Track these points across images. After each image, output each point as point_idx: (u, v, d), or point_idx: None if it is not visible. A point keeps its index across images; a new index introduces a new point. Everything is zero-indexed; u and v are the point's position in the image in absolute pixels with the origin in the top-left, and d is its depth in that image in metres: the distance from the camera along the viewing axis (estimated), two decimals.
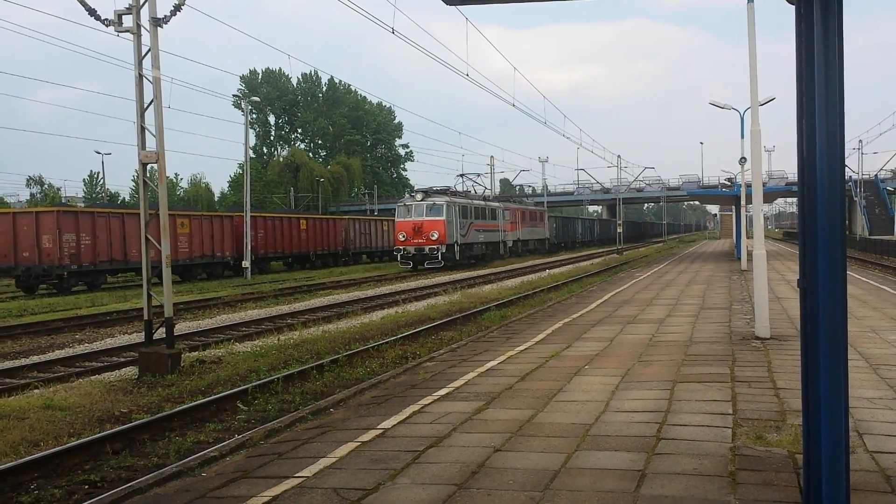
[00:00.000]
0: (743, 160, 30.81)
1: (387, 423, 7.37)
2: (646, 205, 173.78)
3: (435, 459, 6.09)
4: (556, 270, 39.03)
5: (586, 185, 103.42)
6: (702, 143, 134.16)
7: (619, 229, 67.47)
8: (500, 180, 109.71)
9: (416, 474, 5.74)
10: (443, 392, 8.73)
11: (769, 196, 43.61)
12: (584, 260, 52.04)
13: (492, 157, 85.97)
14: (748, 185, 26.02)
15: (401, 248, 42.36)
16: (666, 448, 6.18)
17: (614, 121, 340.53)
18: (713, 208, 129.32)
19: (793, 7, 4.27)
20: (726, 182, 65.43)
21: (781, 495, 5.10)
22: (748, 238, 35.89)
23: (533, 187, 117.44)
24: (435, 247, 41.36)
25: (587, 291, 23.49)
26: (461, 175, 56.32)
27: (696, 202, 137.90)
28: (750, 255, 17.62)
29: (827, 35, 3.95)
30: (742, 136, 32.31)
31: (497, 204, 53.99)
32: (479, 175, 58.44)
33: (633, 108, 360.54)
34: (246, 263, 39.06)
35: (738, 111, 33.67)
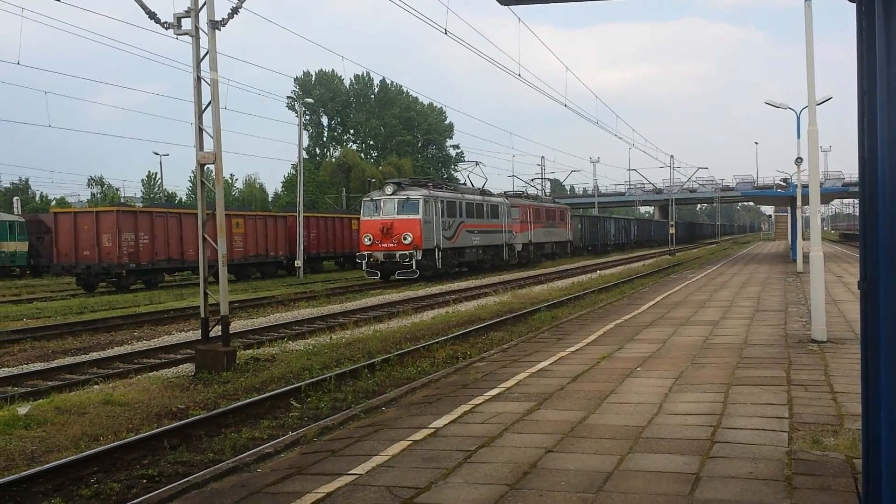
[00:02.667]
0: (799, 160, 30.27)
1: (438, 423, 7.41)
2: (699, 205, 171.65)
3: (486, 459, 6.11)
4: (607, 272, 38.70)
5: (638, 186, 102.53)
6: (756, 143, 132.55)
7: (672, 230, 66.73)
8: (551, 181, 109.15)
9: (468, 474, 5.76)
10: (494, 392, 8.74)
11: (826, 197, 42.69)
12: (623, 263, 51.30)
13: (542, 157, 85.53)
14: (804, 186, 25.57)
15: (365, 254, 33.55)
16: (721, 451, 6.11)
17: (667, 120, 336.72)
18: (768, 209, 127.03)
19: (852, 5, 4.20)
20: (781, 182, 64.29)
21: (839, 500, 5.02)
22: (804, 239, 35.21)
23: (584, 188, 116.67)
24: (407, 252, 32.57)
25: (639, 293, 23.28)
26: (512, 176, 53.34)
27: (751, 203, 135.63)
28: (806, 256, 17.30)
29: (889, 32, 3.88)
30: (798, 136, 31.75)
31: (499, 199, 44.11)
32: (533, 178, 54.80)
33: (687, 108, 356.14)
34: (298, 263, 39.48)
35: (794, 111, 33.11)
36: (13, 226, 44.61)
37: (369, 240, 33.44)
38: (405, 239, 32.74)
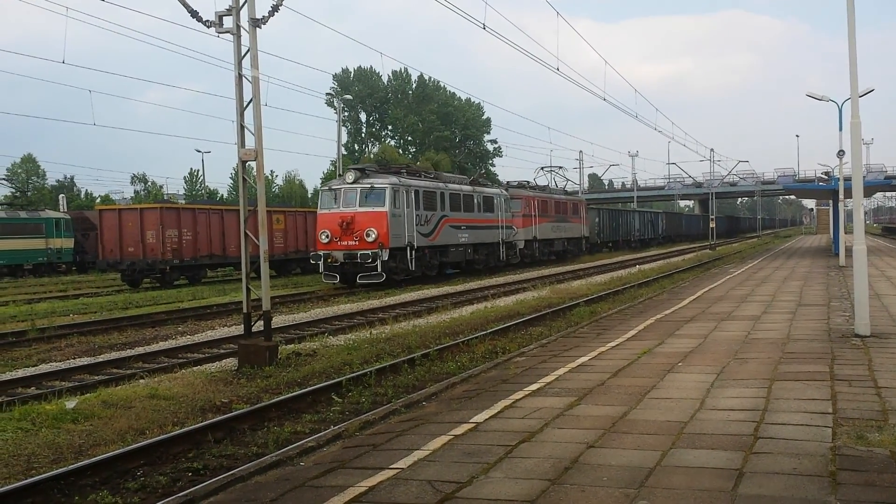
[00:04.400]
0: (841, 153, 29.82)
1: (479, 417, 7.44)
2: (739, 199, 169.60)
3: (527, 454, 6.13)
4: (647, 266, 38.40)
5: (678, 180, 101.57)
6: (798, 136, 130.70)
7: (712, 224, 66.01)
8: (589, 175, 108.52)
9: (509, 468, 5.78)
10: (534, 387, 8.74)
11: (868, 190, 41.98)
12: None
13: (580, 151, 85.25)
14: (846, 179, 25.18)
15: (321, 253, 27.98)
16: (764, 447, 6.06)
17: (708, 114, 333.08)
18: (809, 203, 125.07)
19: None
20: (823, 176, 63.18)
21: (884, 496, 4.96)
22: (846, 233, 34.67)
23: (623, 182, 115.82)
24: (370, 252, 26.89)
25: (679, 287, 23.09)
26: (542, 168, 47.20)
27: (792, 196, 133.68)
28: (848, 250, 17.03)
29: None
30: (840, 129, 31.27)
31: (494, 190, 38.14)
32: (543, 167, 50.49)
33: (728, 101, 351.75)
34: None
35: (835, 103, 32.59)
36: (59, 223, 45.50)
37: (326, 237, 27.93)
38: (368, 236, 27.17)
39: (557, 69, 24.96)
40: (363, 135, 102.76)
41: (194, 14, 12.76)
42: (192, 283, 33.79)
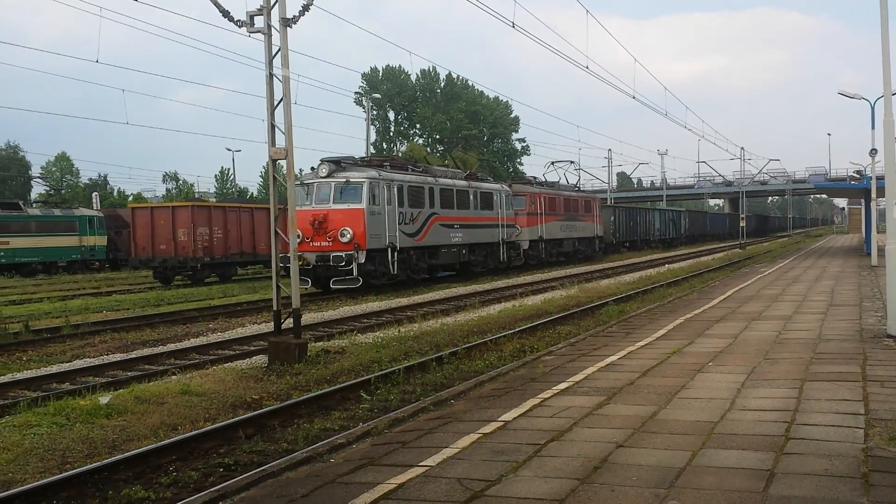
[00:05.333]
0: (874, 152, 29.47)
1: (507, 416, 7.45)
2: (770, 198, 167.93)
3: (556, 453, 6.13)
4: (676, 265, 38.13)
5: (707, 178, 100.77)
6: (829, 135, 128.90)
7: (742, 223, 65.44)
8: (618, 174, 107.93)
9: (538, 467, 5.79)
10: (562, 386, 8.74)
11: None
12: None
13: (609, 150, 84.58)
14: (879, 178, 24.83)
15: (288, 255, 24.52)
16: (795, 448, 6.02)
17: (738, 112, 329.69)
18: (841, 202, 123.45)
19: None
20: (855, 174, 62.32)
21: None
22: (878, 233, 34.22)
23: (652, 181, 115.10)
24: (343, 254, 24.17)
25: (709, 287, 22.93)
26: (553, 162, 42.59)
27: (823, 195, 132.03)
28: (881, 250, 16.82)
29: None
30: (872, 127, 30.97)
31: (494, 186, 34.92)
32: (554, 161, 46.46)
33: (759, 99, 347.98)
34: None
35: (868, 101, 32.23)
36: (93, 220, 46.12)
37: (297, 237, 25.28)
38: (343, 236, 24.34)
39: (587, 67, 24.88)
40: (391, 133, 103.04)
41: (226, 14, 12.89)
42: (222, 281, 34.09)
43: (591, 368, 9.77)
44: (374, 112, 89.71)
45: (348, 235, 24.22)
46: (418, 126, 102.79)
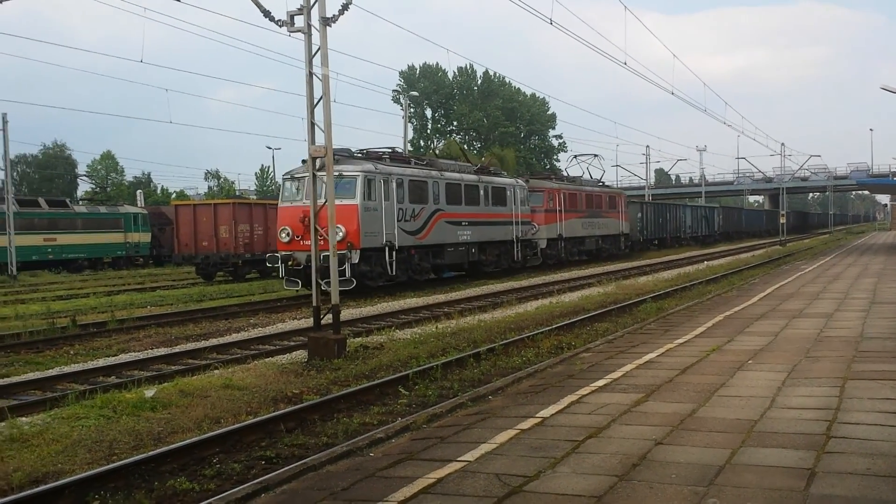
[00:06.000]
0: None
1: (545, 412, 7.48)
2: (810, 195, 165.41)
3: (594, 450, 6.15)
4: (715, 262, 37.74)
5: (747, 175, 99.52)
6: (871, 130, 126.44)
7: (783, 220, 64.54)
8: (656, 170, 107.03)
9: (577, 464, 5.82)
10: (601, 383, 8.74)
11: None
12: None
13: (647, 146, 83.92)
14: None
15: (279, 255, 23.17)
16: (836, 447, 5.98)
17: (778, 107, 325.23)
18: (883, 198, 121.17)
19: None
20: None
21: None
22: None
23: (690, 177, 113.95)
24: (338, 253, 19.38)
25: (748, 284, 22.71)
26: (575, 156, 40.21)
27: (865, 192, 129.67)
28: None
29: None
30: None
31: (507, 180, 32.76)
32: (577, 155, 44.70)
33: (800, 94, 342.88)
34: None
35: None
36: (137, 218, 46.89)
37: (287, 235, 23.17)
38: (335, 234, 22.96)
39: (625, 63, 24.73)
40: (429, 130, 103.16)
41: (267, 14, 13.04)
42: (263, 277, 34.41)
43: (629, 365, 9.75)
44: (412, 110, 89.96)
45: (341, 234, 21.80)
46: (455, 123, 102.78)
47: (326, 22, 13.02)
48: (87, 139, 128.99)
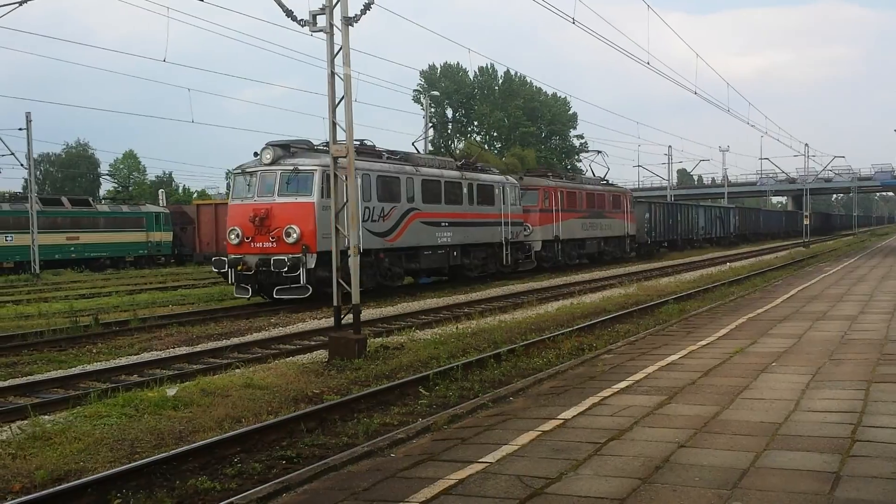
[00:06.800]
0: None
1: (567, 414, 7.44)
2: (834, 196, 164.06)
3: (617, 452, 6.11)
4: (738, 264, 37.47)
5: (770, 175, 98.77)
6: None
7: (806, 221, 63.95)
8: (678, 170, 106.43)
9: (599, 466, 5.78)
10: (622, 385, 8.69)
11: None
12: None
13: (669, 146, 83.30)
14: None
15: (225, 259, 21.19)
16: (862, 450, 5.91)
17: (802, 107, 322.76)
18: None
19: None
20: None
21: None
22: None
23: (713, 177, 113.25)
24: (287, 257, 19.94)
25: (772, 286, 22.52)
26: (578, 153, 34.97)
27: (890, 193, 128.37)
28: None
29: None
30: None
31: (496, 177, 30.04)
32: (600, 153, 42.12)
33: (824, 95, 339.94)
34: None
35: None
36: (159, 217, 47.22)
37: (237, 236, 21.05)
38: (288, 236, 20.32)
39: (648, 63, 24.59)
40: (449, 130, 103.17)
41: (289, 13, 13.07)
42: None
43: (651, 367, 9.69)
44: (433, 109, 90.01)
45: (294, 235, 20.24)
46: (476, 123, 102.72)
47: (348, 21, 13.03)
48: (109, 138, 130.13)
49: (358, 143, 22.73)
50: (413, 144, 27.58)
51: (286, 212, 20.54)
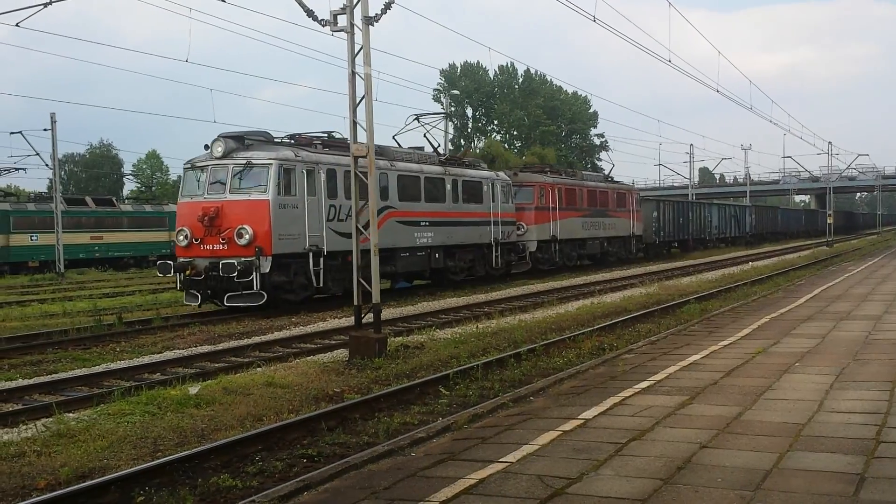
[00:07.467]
0: None
1: (587, 414, 7.42)
2: (858, 194, 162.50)
3: (638, 452, 6.09)
4: (760, 263, 37.20)
5: (793, 174, 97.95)
6: None
7: (830, 220, 63.36)
8: (700, 169, 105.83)
9: (620, 466, 5.76)
10: (644, 385, 8.66)
11: None
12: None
13: (691, 145, 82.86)
14: None
15: (170, 264, 19.66)
16: (886, 452, 5.85)
17: (826, 105, 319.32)
18: None
19: None
20: None
21: None
22: None
23: (735, 176, 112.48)
24: (237, 261, 18.20)
25: (794, 285, 22.36)
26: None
27: None
28: None
29: None
30: None
31: (484, 173, 28.26)
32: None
33: (848, 92, 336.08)
34: None
35: None
36: None
37: (185, 238, 19.27)
38: (240, 237, 18.49)
39: (669, 61, 24.45)
40: (469, 129, 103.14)
41: (310, 13, 13.12)
42: None
43: (672, 367, 9.64)
44: (453, 108, 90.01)
45: (247, 236, 18.43)
46: (496, 122, 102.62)
47: (369, 21, 13.06)
48: (132, 138, 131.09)
49: (325, 134, 21.97)
50: (394, 138, 25.94)
51: (238, 210, 18.85)
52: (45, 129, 40.16)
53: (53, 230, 38.99)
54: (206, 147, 19.71)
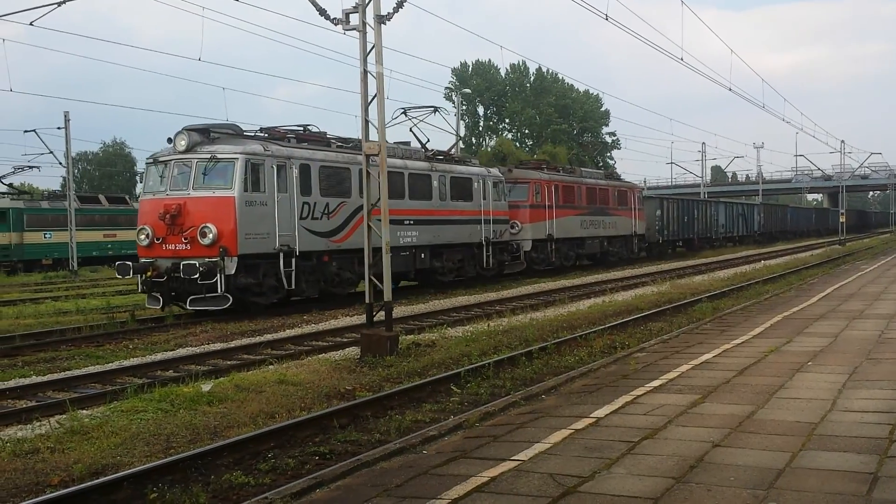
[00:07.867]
0: None
1: (599, 412, 7.42)
2: (871, 193, 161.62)
3: (650, 451, 6.08)
4: (772, 262, 37.06)
5: (805, 172, 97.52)
6: None
7: (842, 219, 63.02)
8: (712, 167, 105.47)
9: (632, 465, 5.76)
10: (656, 383, 8.64)
11: None
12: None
13: (703, 143, 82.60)
14: None
15: (130, 265, 18.44)
16: None
17: (838, 103, 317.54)
18: None
19: None
20: None
21: None
22: None
23: (747, 174, 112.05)
24: (198, 262, 17.20)
25: (807, 284, 22.27)
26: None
27: None
28: None
29: None
30: None
31: (474, 169, 27.19)
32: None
33: (860, 91, 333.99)
34: None
35: None
36: None
37: (146, 237, 18.22)
38: (203, 236, 17.53)
39: (681, 59, 24.36)
40: (481, 128, 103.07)
41: (322, 12, 13.15)
42: None
43: (684, 366, 9.62)
44: (464, 107, 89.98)
45: (211, 235, 17.44)
46: (507, 120, 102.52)
47: (381, 20, 13.07)
48: (145, 137, 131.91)
49: (300, 128, 21.26)
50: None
51: (201, 208, 17.82)
52: (58, 128, 40.41)
53: (67, 228, 39.21)
54: (169, 140, 18.68)
